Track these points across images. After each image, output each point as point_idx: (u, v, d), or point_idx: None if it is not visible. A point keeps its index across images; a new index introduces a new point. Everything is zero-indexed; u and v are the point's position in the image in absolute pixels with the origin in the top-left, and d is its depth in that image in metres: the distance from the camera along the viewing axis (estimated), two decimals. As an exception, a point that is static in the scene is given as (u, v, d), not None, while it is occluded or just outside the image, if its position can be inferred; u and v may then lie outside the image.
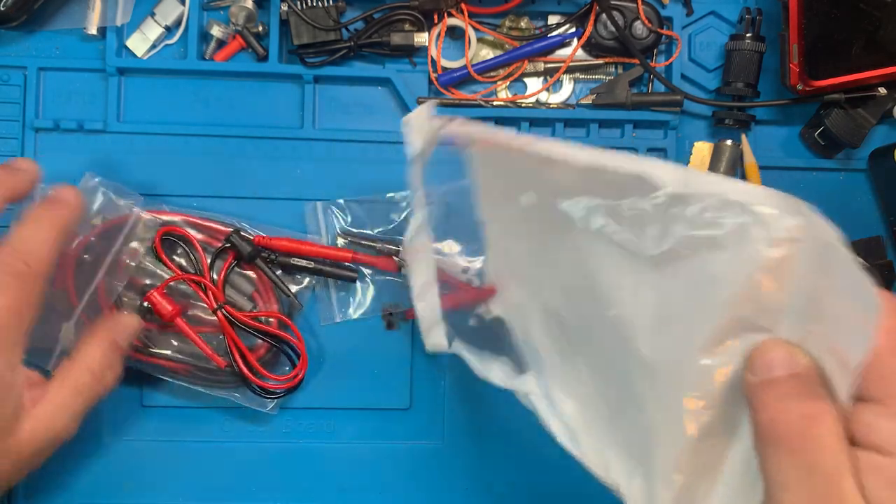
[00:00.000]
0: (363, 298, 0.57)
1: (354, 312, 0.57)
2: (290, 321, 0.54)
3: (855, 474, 0.29)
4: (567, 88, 0.59)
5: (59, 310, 0.53)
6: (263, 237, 0.55)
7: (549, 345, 0.45)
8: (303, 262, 0.55)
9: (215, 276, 0.54)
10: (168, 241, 0.54)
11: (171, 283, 0.54)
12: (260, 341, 0.54)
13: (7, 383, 0.42)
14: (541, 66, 0.58)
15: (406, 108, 0.57)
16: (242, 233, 0.54)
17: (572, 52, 0.58)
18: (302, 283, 0.56)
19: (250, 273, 0.55)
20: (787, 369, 0.30)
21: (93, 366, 0.47)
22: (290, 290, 0.55)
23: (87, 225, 0.53)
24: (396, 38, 0.56)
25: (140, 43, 0.57)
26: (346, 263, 0.55)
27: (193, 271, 0.54)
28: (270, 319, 0.54)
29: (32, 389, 0.45)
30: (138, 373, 0.54)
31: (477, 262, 0.57)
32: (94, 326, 0.49)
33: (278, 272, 0.55)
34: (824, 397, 0.30)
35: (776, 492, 0.30)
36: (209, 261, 0.54)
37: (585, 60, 0.59)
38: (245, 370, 0.53)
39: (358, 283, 0.57)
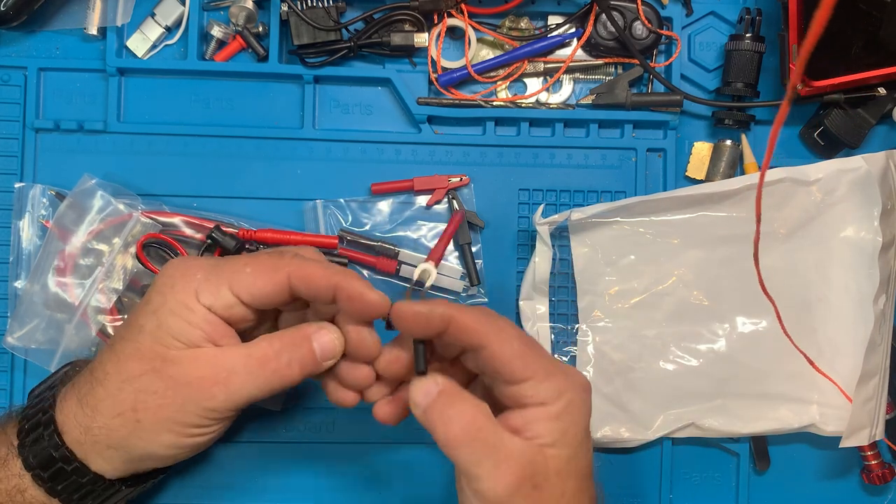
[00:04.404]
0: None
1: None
2: None
3: (508, 428, 0.40)
4: (567, 88, 0.59)
5: (60, 311, 0.53)
6: (247, 230, 0.55)
7: None
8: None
9: None
10: (160, 249, 0.54)
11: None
12: None
13: (206, 310, 0.43)
14: (541, 67, 0.58)
15: (406, 108, 0.57)
16: (224, 227, 0.54)
17: (572, 52, 0.58)
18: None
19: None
20: (433, 392, 0.40)
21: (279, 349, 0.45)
22: None
23: (86, 226, 0.53)
24: (396, 39, 0.56)
25: (140, 43, 0.57)
26: (335, 251, 0.55)
27: None
28: None
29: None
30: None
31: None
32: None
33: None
34: (465, 396, 0.40)
35: (479, 481, 0.39)
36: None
37: (585, 61, 0.59)
38: None
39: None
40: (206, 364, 0.43)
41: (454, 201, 0.57)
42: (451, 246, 0.57)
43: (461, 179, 0.57)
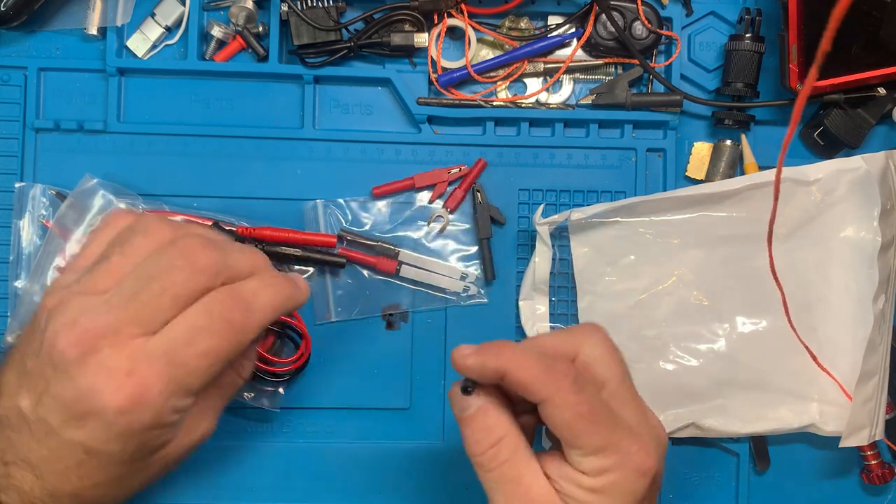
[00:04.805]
0: (361, 298, 0.57)
1: (351, 312, 0.57)
2: None
3: (538, 471, 0.39)
4: (567, 89, 0.59)
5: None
6: (246, 227, 0.55)
7: None
8: (289, 251, 0.55)
9: None
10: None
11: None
12: (264, 333, 0.54)
13: (172, 423, 0.40)
14: (541, 67, 0.58)
15: (406, 108, 0.57)
16: (222, 224, 0.54)
17: (572, 52, 0.58)
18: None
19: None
20: (473, 407, 0.39)
21: (237, 366, 0.45)
22: (281, 268, 0.55)
23: (87, 226, 0.53)
24: (396, 39, 0.56)
25: (140, 43, 0.57)
26: (333, 250, 0.56)
27: None
28: None
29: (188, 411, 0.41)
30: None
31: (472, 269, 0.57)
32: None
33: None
34: (501, 418, 0.39)
35: None
36: None
37: (585, 61, 0.59)
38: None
39: (356, 283, 0.57)
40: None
41: (478, 194, 0.57)
42: (450, 246, 0.57)
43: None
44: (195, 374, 0.39)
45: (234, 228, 0.54)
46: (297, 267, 0.56)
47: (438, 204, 0.57)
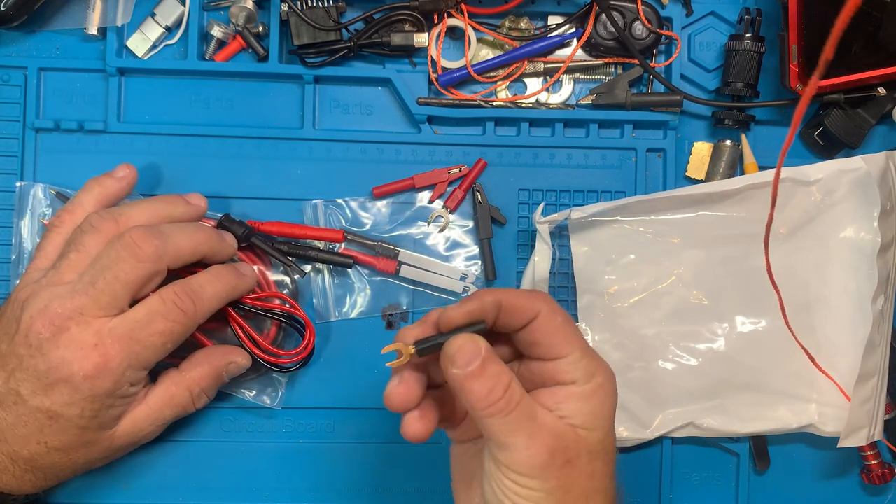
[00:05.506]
0: (361, 298, 0.57)
1: (351, 312, 0.57)
2: (289, 298, 0.54)
3: (540, 406, 0.40)
4: (567, 89, 0.59)
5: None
6: (255, 222, 0.55)
7: None
8: (297, 251, 0.55)
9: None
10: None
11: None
12: (267, 325, 0.54)
13: (126, 395, 0.47)
14: (541, 67, 0.58)
15: (406, 108, 0.57)
16: (231, 217, 0.54)
17: (572, 52, 0.58)
18: (295, 282, 0.56)
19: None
20: (480, 358, 0.39)
21: (193, 387, 0.51)
22: (289, 261, 0.55)
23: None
24: (396, 39, 0.56)
25: (140, 43, 0.57)
26: (338, 247, 0.56)
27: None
28: (275, 299, 0.54)
29: (139, 390, 0.49)
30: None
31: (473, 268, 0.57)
32: (210, 351, 0.52)
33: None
34: (502, 364, 0.40)
35: (512, 451, 0.39)
36: None
37: (585, 61, 0.59)
38: (257, 350, 0.53)
39: (356, 283, 0.57)
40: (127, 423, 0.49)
41: (478, 194, 0.57)
42: (451, 247, 0.57)
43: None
44: (150, 350, 0.46)
45: (244, 221, 0.55)
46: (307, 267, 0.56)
47: (438, 204, 0.57)
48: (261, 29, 0.57)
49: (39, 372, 0.45)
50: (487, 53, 0.59)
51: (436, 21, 0.57)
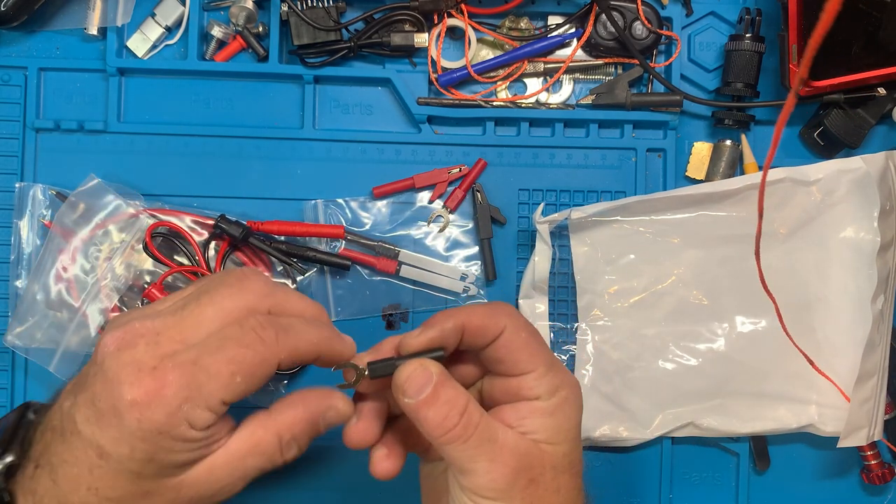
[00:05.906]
0: (361, 298, 0.57)
1: (351, 312, 0.57)
2: None
3: (501, 424, 0.39)
4: (567, 89, 0.59)
5: (61, 310, 0.53)
6: (254, 222, 0.55)
7: None
8: (296, 251, 0.55)
9: (213, 266, 0.54)
10: (167, 242, 0.54)
11: (170, 279, 0.54)
12: None
13: (186, 438, 0.38)
14: (541, 67, 0.58)
15: (406, 108, 0.57)
16: (227, 217, 0.54)
17: (572, 52, 0.58)
18: (296, 282, 0.57)
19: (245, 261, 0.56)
20: (431, 385, 0.38)
21: (284, 433, 0.41)
22: (290, 261, 0.55)
23: (92, 226, 0.53)
24: (396, 39, 0.56)
25: (140, 43, 0.57)
26: (339, 244, 0.56)
27: (191, 265, 0.54)
28: None
29: (219, 429, 0.39)
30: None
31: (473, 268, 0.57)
32: (305, 392, 0.42)
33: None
34: (458, 387, 0.38)
35: (474, 476, 0.38)
36: (202, 249, 0.54)
37: (585, 61, 0.59)
38: None
39: (356, 283, 0.57)
40: (205, 480, 0.39)
41: (478, 194, 0.57)
42: (451, 246, 0.57)
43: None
44: (216, 381, 0.37)
45: (242, 221, 0.55)
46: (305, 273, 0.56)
47: (438, 204, 0.57)
48: (261, 29, 0.57)
49: (95, 394, 0.37)
50: (487, 53, 0.59)
51: (436, 21, 0.57)
